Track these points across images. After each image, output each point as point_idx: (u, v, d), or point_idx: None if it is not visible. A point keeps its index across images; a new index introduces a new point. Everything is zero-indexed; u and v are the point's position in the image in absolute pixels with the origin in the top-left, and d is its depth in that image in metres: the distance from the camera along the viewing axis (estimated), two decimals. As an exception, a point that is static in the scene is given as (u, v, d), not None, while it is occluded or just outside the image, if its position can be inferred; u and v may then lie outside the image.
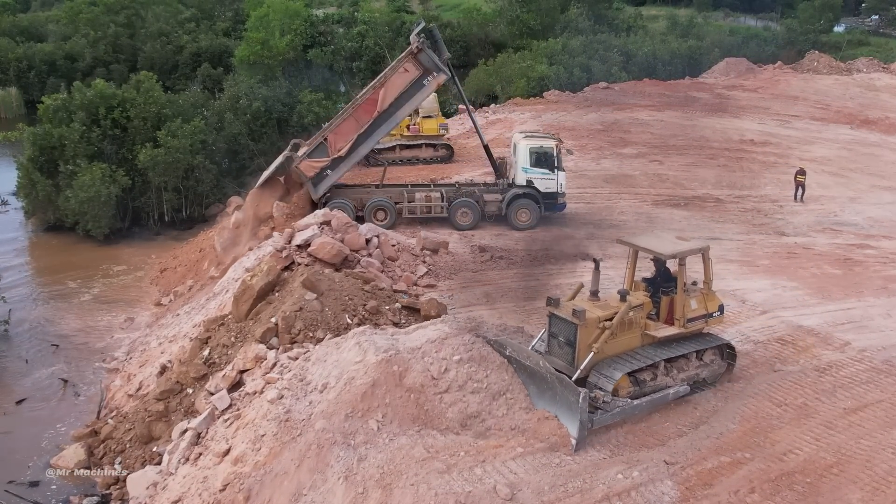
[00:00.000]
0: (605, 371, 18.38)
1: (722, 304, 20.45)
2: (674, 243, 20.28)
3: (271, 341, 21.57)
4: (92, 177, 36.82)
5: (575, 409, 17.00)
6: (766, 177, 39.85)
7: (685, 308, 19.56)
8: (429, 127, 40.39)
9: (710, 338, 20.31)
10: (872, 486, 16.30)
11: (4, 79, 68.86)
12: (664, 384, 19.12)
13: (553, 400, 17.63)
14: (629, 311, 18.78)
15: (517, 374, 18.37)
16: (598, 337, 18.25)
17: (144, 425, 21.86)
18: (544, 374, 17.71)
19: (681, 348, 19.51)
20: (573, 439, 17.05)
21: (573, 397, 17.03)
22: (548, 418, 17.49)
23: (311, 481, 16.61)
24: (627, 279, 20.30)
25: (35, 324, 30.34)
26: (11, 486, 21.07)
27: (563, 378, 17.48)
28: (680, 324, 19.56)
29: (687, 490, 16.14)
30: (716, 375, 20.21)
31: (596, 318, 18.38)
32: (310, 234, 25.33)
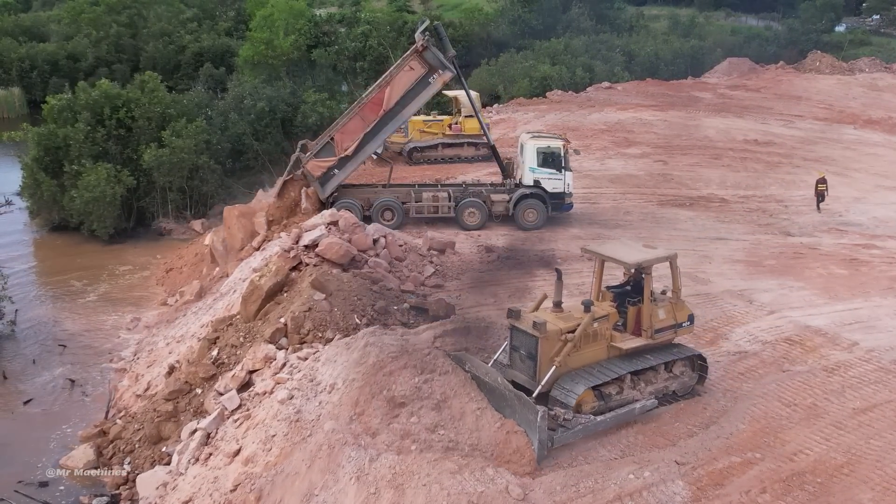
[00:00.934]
0: (568, 385, 17.86)
1: (692, 314, 19.95)
2: (639, 251, 19.80)
3: (280, 341, 21.60)
4: (97, 177, 36.90)
5: (534, 428, 16.41)
6: (771, 177, 39.87)
7: (653, 318, 19.00)
8: (471, 126, 40.28)
9: (680, 349, 19.73)
10: (883, 486, 16.33)
11: (7, 79, 68.83)
12: (631, 398, 18.61)
13: (513, 417, 16.97)
14: (592, 323, 18.23)
15: (479, 389, 17.67)
16: (561, 350, 17.71)
17: (153, 425, 21.87)
18: (502, 390, 17.16)
19: (648, 360, 18.95)
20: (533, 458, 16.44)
21: (531, 415, 16.44)
22: (516, 432, 16.78)
23: (322, 481, 16.63)
24: (594, 289, 19.76)
25: (41, 324, 30.38)
26: (21, 486, 21.07)
27: (521, 395, 16.92)
28: (647, 335, 19.00)
29: (698, 490, 16.17)
30: (686, 388, 19.65)
31: (558, 330, 17.81)
32: (317, 234, 25.32)
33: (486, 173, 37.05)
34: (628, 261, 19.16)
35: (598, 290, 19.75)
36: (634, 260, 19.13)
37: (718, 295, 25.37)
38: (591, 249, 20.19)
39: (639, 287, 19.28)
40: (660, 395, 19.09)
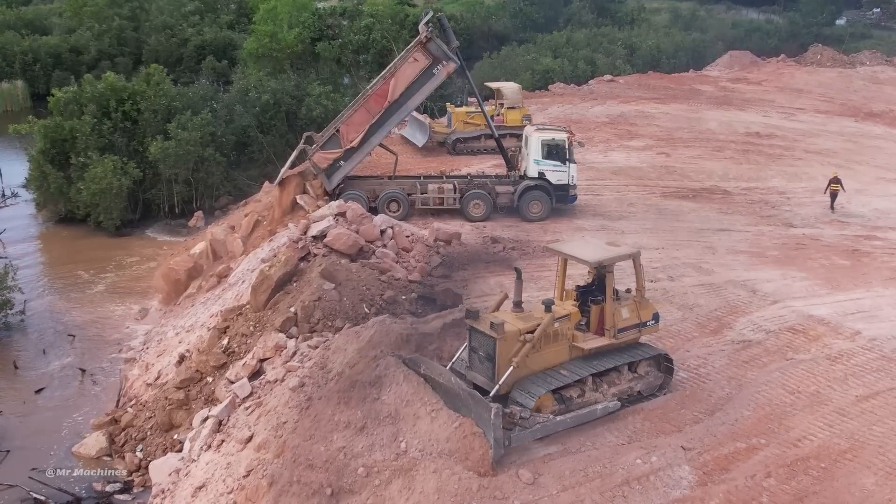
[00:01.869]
0: (528, 388, 17.43)
1: (657, 312, 19.59)
2: (601, 249, 19.29)
3: (291, 330, 21.90)
4: (104, 169, 37.14)
5: (488, 427, 16.00)
6: (773, 169, 40.09)
7: (616, 318, 18.54)
8: (512, 118, 40.63)
9: (645, 348, 19.30)
10: (886, 471, 16.60)
11: (10, 72, 68.93)
12: (593, 400, 18.09)
13: (469, 417, 16.53)
14: (553, 323, 17.80)
15: (437, 391, 17.30)
16: (519, 351, 17.30)
17: (165, 413, 22.22)
18: (457, 390, 16.77)
19: (611, 361, 18.45)
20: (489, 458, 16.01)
21: (486, 414, 16.01)
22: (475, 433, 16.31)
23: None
24: (557, 287, 19.37)
25: (50, 314, 30.70)
26: (35, 474, 21.37)
27: (474, 394, 16.59)
28: (610, 335, 18.55)
29: (704, 475, 16.46)
30: (652, 388, 19.22)
31: (516, 330, 17.36)
32: (325, 225, 25.59)
33: (490, 165, 37.30)
34: (589, 259, 18.68)
35: (562, 288, 19.37)
36: (595, 258, 18.64)
37: (722, 285, 25.62)
38: (552, 248, 19.88)
39: (603, 286, 18.77)
40: (624, 397, 18.63)
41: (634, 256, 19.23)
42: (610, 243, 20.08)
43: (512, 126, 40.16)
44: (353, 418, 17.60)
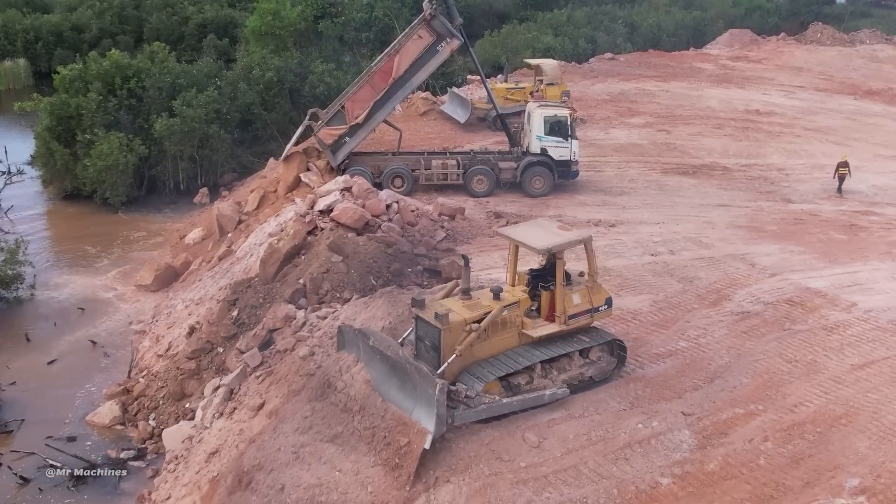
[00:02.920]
0: (476, 373, 17.27)
1: (610, 297, 19.17)
2: (552, 235, 18.62)
3: (300, 301, 22.43)
4: (109, 146, 37.46)
5: (432, 403, 15.74)
6: (772, 146, 40.50)
7: (566, 304, 18.13)
8: (552, 94, 40.81)
9: (596, 334, 18.90)
10: (879, 436, 17.13)
11: (12, 50, 69.05)
12: (542, 386, 17.79)
13: (413, 393, 16.43)
14: (502, 312, 17.51)
15: (382, 365, 17.29)
16: (464, 340, 16.97)
17: (177, 383, 22.75)
18: (403, 363, 16.55)
19: (562, 347, 18.17)
20: (429, 434, 15.77)
21: (430, 389, 15.75)
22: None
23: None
24: (509, 272, 19.05)
25: (59, 288, 31.11)
26: (51, 441, 21.93)
27: (420, 368, 16.30)
28: (561, 321, 18.17)
29: (704, 438, 17.00)
30: (604, 373, 18.89)
31: (461, 320, 17.04)
32: (332, 199, 26.03)
33: (492, 142, 37.67)
34: (538, 246, 18.15)
35: (514, 273, 19.02)
36: (544, 245, 18.11)
37: (721, 259, 26.09)
38: (502, 233, 19.66)
39: (553, 271, 18.41)
40: (574, 382, 18.33)
41: (586, 241, 18.80)
42: (562, 228, 19.38)
43: (551, 102, 40.22)
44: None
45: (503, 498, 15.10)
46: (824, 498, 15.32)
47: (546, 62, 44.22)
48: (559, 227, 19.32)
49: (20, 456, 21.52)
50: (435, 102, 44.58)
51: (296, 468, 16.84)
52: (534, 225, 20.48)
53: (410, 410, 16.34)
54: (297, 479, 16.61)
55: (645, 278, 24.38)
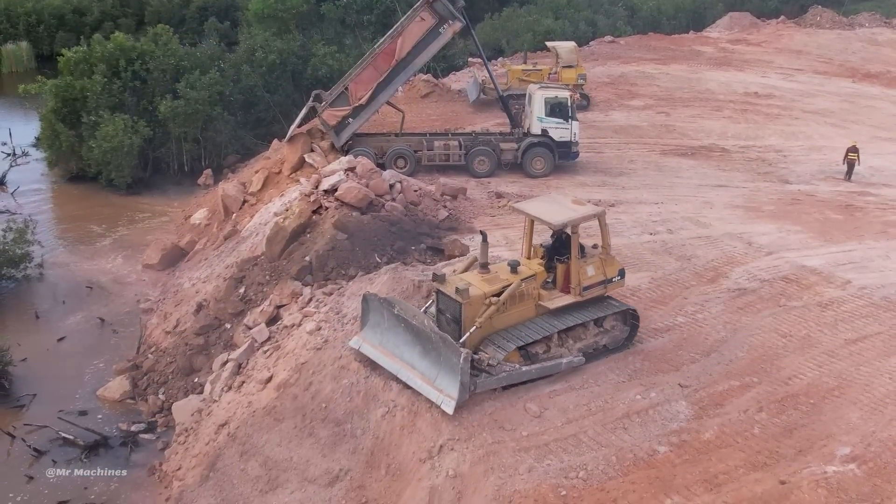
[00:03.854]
0: (497, 342, 17.87)
1: (622, 268, 19.92)
2: (566, 210, 19.30)
3: (306, 278, 22.94)
4: (115, 127, 37.81)
5: (456, 371, 16.53)
6: (771, 128, 40.85)
7: (581, 276, 18.86)
8: (567, 76, 41.22)
9: (610, 304, 19.55)
10: (871, 407, 17.68)
11: (14, 33, 69.08)
12: (559, 355, 18.46)
13: (437, 361, 17.13)
14: (520, 285, 18.14)
15: (406, 334, 17.88)
16: (484, 312, 17.60)
17: (185, 358, 23.28)
18: (429, 333, 17.19)
19: (577, 317, 18.76)
20: (453, 400, 16.58)
21: (455, 358, 16.54)
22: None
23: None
24: (524, 246, 19.73)
25: (67, 267, 31.59)
26: (63, 415, 22.45)
27: (445, 338, 16.93)
28: (576, 292, 18.87)
29: (700, 409, 17.53)
30: (618, 341, 19.58)
31: (481, 294, 17.73)
32: (336, 179, 26.44)
33: (494, 123, 38.05)
34: (553, 221, 18.81)
35: (529, 247, 19.68)
36: (559, 220, 18.81)
37: (719, 237, 26.52)
38: (517, 207, 20.08)
39: (565, 244, 19.16)
40: (590, 350, 19.02)
41: (599, 216, 19.48)
42: (576, 202, 20.03)
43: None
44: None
45: (505, 464, 15.64)
46: (816, 465, 15.88)
47: (562, 45, 44.54)
48: (573, 202, 19.96)
49: (33, 429, 22.06)
50: (437, 84, 44.90)
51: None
52: (548, 200, 21.11)
53: (434, 378, 17.05)
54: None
55: (644, 256, 24.80)
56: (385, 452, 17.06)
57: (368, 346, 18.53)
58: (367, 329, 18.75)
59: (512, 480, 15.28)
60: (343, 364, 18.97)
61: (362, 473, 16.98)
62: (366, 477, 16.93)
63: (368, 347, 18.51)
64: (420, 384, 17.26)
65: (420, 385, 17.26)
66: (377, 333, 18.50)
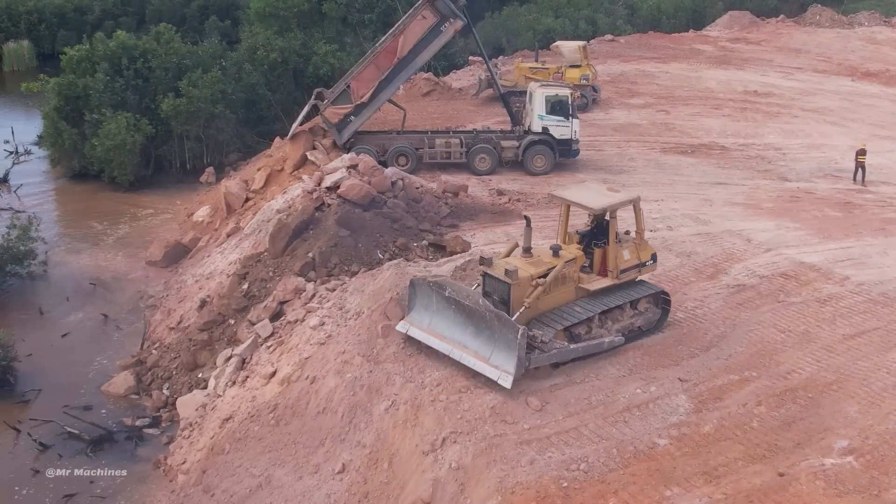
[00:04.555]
0: (548, 322, 18.55)
1: (655, 252, 20.81)
2: (604, 196, 20.18)
3: (309, 274, 23.12)
4: (117, 125, 38.05)
5: (513, 347, 17.04)
6: (770, 126, 41.05)
7: (618, 259, 19.69)
8: (571, 75, 41.47)
9: (644, 287, 20.36)
10: (868, 401, 17.87)
11: (16, 31, 69.44)
12: (599, 336, 19.19)
13: (491, 339, 17.61)
14: (564, 268, 18.89)
15: (456, 315, 18.29)
16: (531, 293, 18.32)
17: (189, 354, 23.47)
18: (483, 312, 17.64)
19: (615, 299, 19.52)
20: (510, 375, 17.07)
21: (511, 334, 17.04)
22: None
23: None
24: (560, 232, 20.35)
25: (70, 264, 31.78)
26: (68, 409, 22.64)
27: (502, 315, 17.46)
28: (613, 275, 19.73)
29: (700, 403, 17.72)
30: (651, 323, 20.36)
31: (529, 276, 18.45)
32: (339, 176, 26.65)
33: (495, 121, 38.24)
34: (594, 206, 19.56)
35: (565, 233, 20.32)
36: (599, 205, 19.56)
37: (719, 234, 26.72)
38: (557, 195, 20.73)
39: (603, 230, 19.98)
40: (626, 332, 19.70)
41: (634, 202, 20.32)
42: (611, 189, 20.96)
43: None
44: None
45: (507, 457, 15.82)
46: (814, 457, 16.08)
47: (565, 44, 44.91)
48: (608, 189, 20.97)
49: (38, 423, 22.23)
50: (438, 83, 45.11)
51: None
52: (584, 187, 22.18)
53: (489, 355, 17.54)
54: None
55: (644, 253, 24.96)
56: (388, 445, 17.25)
57: (416, 329, 18.94)
58: (414, 312, 19.15)
59: (514, 472, 15.46)
60: (346, 359, 19.15)
61: (366, 466, 17.16)
62: (369, 470, 17.10)
63: (416, 330, 18.92)
64: (474, 362, 17.75)
65: (474, 363, 17.76)
66: (425, 316, 18.91)
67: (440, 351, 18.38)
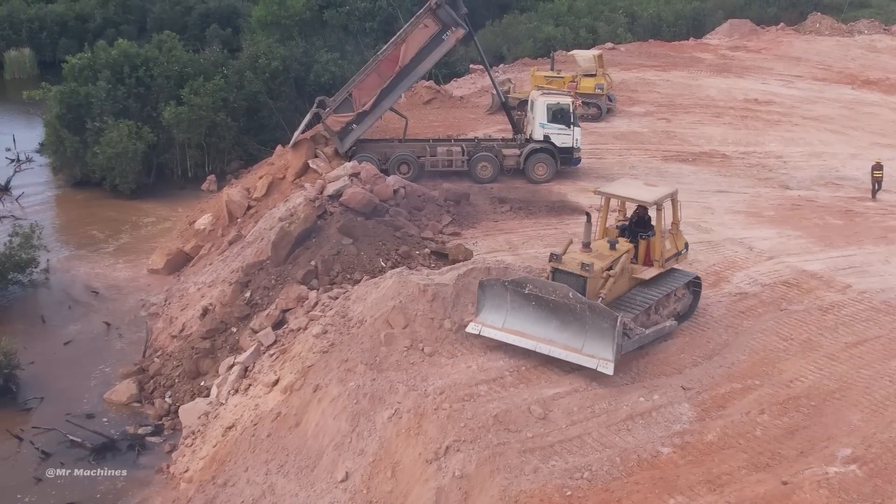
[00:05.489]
0: (628, 309, 19.64)
1: (687, 242, 22.22)
2: (651, 190, 21.54)
3: (311, 283, 23.15)
4: (119, 133, 38.16)
5: (610, 335, 17.92)
6: (771, 134, 41.08)
7: (663, 249, 20.91)
8: (586, 85, 41.65)
9: (682, 273, 21.72)
10: (871, 409, 17.92)
11: (17, 39, 69.53)
12: (654, 321, 20.36)
13: (581, 330, 18.31)
14: (627, 259, 20.09)
15: (537, 311, 18.89)
16: (604, 285, 19.34)
17: (192, 362, 23.47)
18: (573, 304, 18.36)
19: (667, 286, 20.76)
20: (611, 362, 17.97)
21: (608, 323, 17.97)
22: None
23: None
24: (600, 227, 21.33)
25: (72, 272, 31.80)
26: (70, 417, 22.65)
27: (595, 305, 18.38)
28: (659, 264, 20.90)
29: (703, 411, 17.76)
30: (686, 307, 21.65)
31: (601, 268, 19.51)
32: (341, 184, 26.71)
33: (496, 129, 38.29)
34: (648, 199, 20.82)
35: (604, 227, 21.41)
36: (652, 198, 20.78)
37: (720, 242, 26.76)
38: (605, 191, 21.62)
39: (643, 222, 21.18)
40: (671, 317, 20.86)
41: (673, 195, 21.46)
42: (647, 184, 22.37)
43: (584, 93, 40.81)
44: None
45: (511, 465, 15.83)
46: (818, 466, 16.10)
47: (579, 53, 45.02)
48: (645, 184, 22.58)
49: (41, 431, 22.26)
50: (439, 91, 45.20)
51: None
52: (625, 184, 23.29)
53: (581, 346, 18.28)
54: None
55: (646, 261, 25.00)
56: (391, 454, 17.25)
57: (490, 328, 19.33)
58: (485, 313, 19.54)
59: (518, 481, 15.48)
60: (349, 367, 19.17)
61: (369, 475, 17.16)
62: (372, 479, 17.10)
63: (490, 330, 19.31)
64: (566, 354, 18.43)
65: (567, 355, 18.43)
66: (499, 316, 19.31)
67: (524, 347, 18.90)
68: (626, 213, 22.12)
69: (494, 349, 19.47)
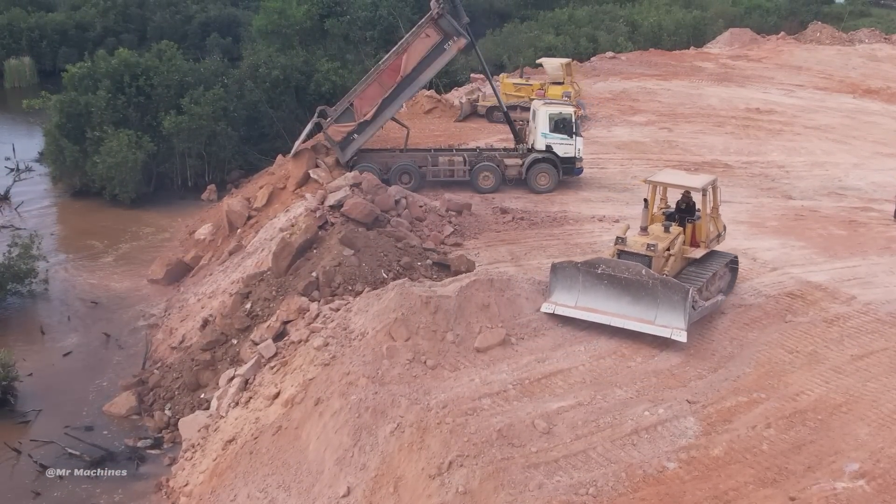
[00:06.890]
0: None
1: (725, 225, 24.01)
2: (695, 177, 24.02)
3: (313, 294, 22.91)
4: (119, 143, 38.04)
5: (682, 306, 19.56)
6: (773, 143, 41.02)
7: (707, 231, 22.68)
8: (553, 93, 41.81)
9: (722, 254, 23.46)
10: (879, 423, 17.70)
11: (17, 48, 69.55)
12: (707, 297, 21.65)
13: (653, 303, 19.95)
14: (682, 239, 22.03)
15: (609, 289, 20.37)
16: (667, 263, 21.24)
17: (192, 374, 23.26)
18: (646, 280, 19.99)
19: (715, 264, 22.58)
20: (683, 330, 19.59)
21: (679, 295, 19.65)
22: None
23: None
24: (648, 213, 22.43)
25: (71, 283, 31.64)
26: (69, 430, 22.44)
27: (666, 280, 20.10)
28: (704, 245, 22.77)
29: (708, 425, 17.53)
30: (726, 284, 23.15)
31: (663, 248, 21.30)
32: (342, 195, 26.55)
33: (498, 139, 38.19)
34: (698, 185, 22.42)
35: (652, 213, 22.67)
36: (702, 184, 22.44)
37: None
38: (656, 180, 23.24)
39: (689, 209, 23.05)
40: (716, 293, 22.27)
41: (715, 182, 23.29)
42: (689, 172, 25.06)
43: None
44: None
45: (515, 481, 15.62)
46: (825, 481, 15.89)
47: (548, 61, 45.06)
48: (686, 172, 25.25)
49: (39, 444, 22.03)
50: (440, 100, 45.13)
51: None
52: (669, 173, 25.03)
53: (654, 318, 20.00)
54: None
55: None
56: (393, 469, 17.04)
57: (563, 307, 20.89)
58: (557, 293, 21.11)
59: (522, 497, 15.27)
60: (351, 380, 18.94)
61: (371, 490, 16.95)
62: (374, 494, 16.88)
63: (564, 309, 20.87)
64: (640, 326, 20.16)
65: (640, 326, 20.15)
66: (571, 295, 20.91)
67: (598, 322, 20.45)
68: (667, 201, 23.73)
69: (497, 361, 19.30)
